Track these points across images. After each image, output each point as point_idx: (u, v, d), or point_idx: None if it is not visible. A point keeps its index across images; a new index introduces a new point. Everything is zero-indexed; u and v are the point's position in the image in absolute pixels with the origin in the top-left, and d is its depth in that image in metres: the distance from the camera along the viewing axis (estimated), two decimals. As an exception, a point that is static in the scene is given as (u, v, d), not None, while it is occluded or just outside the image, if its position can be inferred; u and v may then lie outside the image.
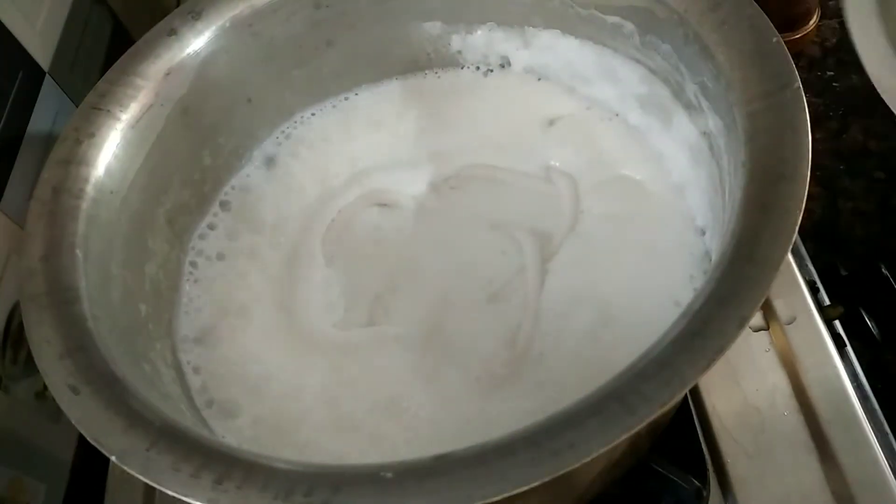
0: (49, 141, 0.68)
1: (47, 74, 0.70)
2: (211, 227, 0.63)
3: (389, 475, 0.36)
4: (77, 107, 0.55)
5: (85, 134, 0.53)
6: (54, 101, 0.70)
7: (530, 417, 0.37)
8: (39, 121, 0.68)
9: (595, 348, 0.54)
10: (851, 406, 0.58)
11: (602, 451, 0.35)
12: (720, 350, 0.37)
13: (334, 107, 0.69)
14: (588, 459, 0.35)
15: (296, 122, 0.68)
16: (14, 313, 0.63)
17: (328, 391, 0.55)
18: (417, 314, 0.58)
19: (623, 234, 0.59)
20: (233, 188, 0.65)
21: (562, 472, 0.35)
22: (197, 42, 0.59)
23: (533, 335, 0.55)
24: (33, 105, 0.68)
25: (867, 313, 0.60)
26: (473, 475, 0.35)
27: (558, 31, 0.63)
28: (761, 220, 0.41)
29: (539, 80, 0.68)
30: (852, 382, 0.59)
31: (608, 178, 0.62)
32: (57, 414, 0.65)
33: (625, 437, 0.35)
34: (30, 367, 0.63)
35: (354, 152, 0.67)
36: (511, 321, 0.56)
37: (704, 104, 0.53)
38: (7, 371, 0.62)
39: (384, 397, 0.54)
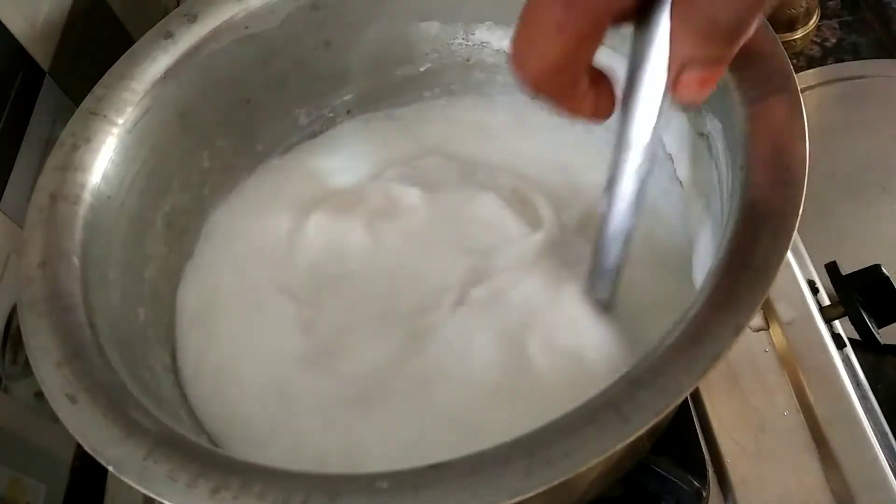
0: (49, 141, 0.68)
1: (47, 75, 0.70)
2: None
3: (385, 485, 0.36)
4: (77, 107, 0.55)
5: (81, 139, 0.53)
6: (54, 101, 0.70)
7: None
8: (39, 121, 0.68)
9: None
10: (851, 406, 0.58)
11: (597, 460, 0.35)
12: (716, 357, 0.37)
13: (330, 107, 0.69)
14: (583, 469, 0.35)
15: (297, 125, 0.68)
16: (14, 313, 0.63)
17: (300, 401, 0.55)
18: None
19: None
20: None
21: (556, 482, 0.35)
22: (193, 45, 0.58)
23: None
24: (33, 105, 0.68)
25: (867, 313, 0.60)
26: (468, 485, 0.35)
27: (557, 30, 0.63)
28: (759, 225, 0.41)
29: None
30: (852, 382, 0.59)
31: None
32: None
33: (620, 446, 0.35)
34: (29, 367, 0.63)
35: (354, 153, 0.67)
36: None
37: (703, 105, 0.53)
38: (7, 371, 0.62)
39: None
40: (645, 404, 0.36)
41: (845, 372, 0.59)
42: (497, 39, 0.66)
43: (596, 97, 0.39)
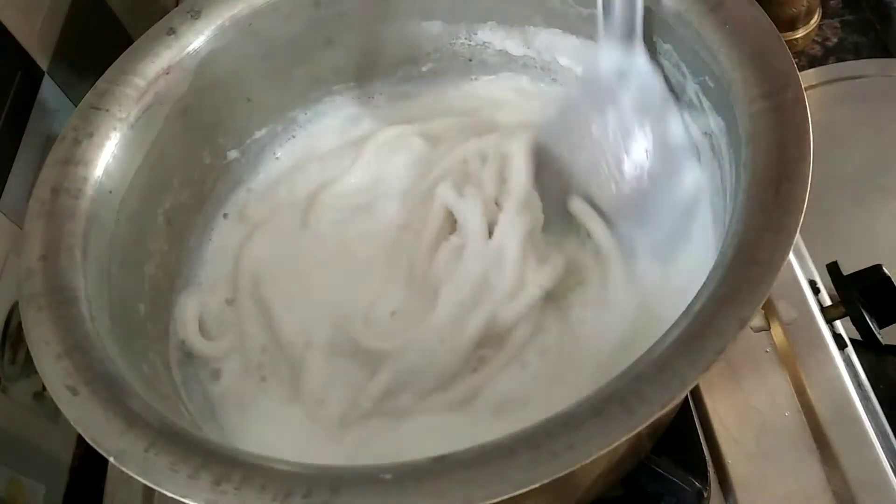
0: (48, 141, 0.68)
1: (46, 74, 0.70)
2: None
3: (388, 476, 0.36)
4: (76, 106, 0.55)
5: (84, 134, 0.53)
6: (53, 100, 0.71)
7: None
8: (38, 121, 0.68)
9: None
10: (852, 406, 0.58)
11: (601, 452, 0.35)
12: (720, 351, 0.37)
13: (334, 106, 0.69)
14: (588, 461, 0.35)
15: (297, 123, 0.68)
16: (13, 313, 0.63)
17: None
18: None
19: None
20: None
21: (561, 474, 0.35)
22: (196, 41, 0.58)
23: None
24: (32, 105, 0.68)
25: (868, 313, 0.60)
26: (473, 476, 0.35)
27: (559, 30, 0.63)
28: (762, 221, 0.41)
29: (538, 79, 0.67)
30: (853, 382, 0.59)
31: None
32: (56, 414, 0.65)
33: (624, 438, 0.35)
34: (28, 367, 0.63)
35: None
36: None
37: (706, 104, 0.53)
38: (6, 371, 0.62)
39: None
40: (650, 397, 0.36)
41: (846, 372, 0.59)
42: (499, 40, 0.66)
43: None
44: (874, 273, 0.61)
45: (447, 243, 0.59)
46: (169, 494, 0.38)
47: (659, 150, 0.56)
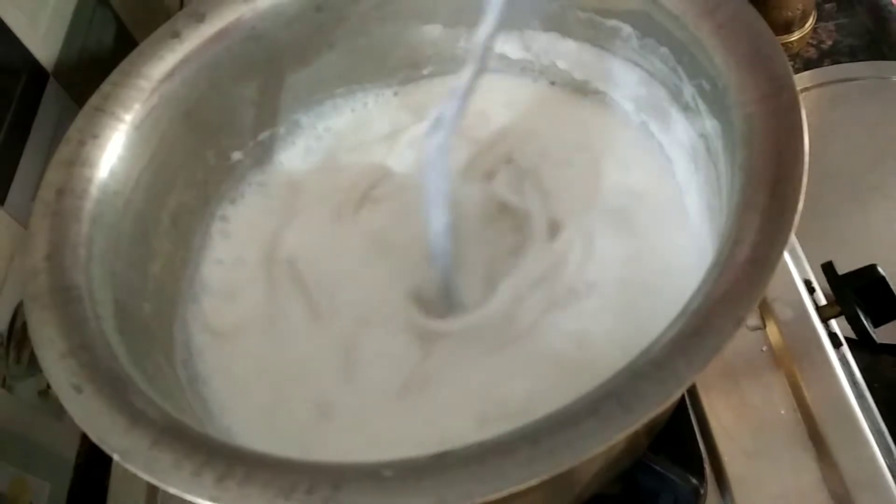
0: (53, 142, 0.69)
1: (51, 76, 0.70)
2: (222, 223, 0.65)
3: (389, 473, 0.37)
4: (81, 109, 0.55)
5: (88, 135, 0.53)
6: (58, 103, 0.71)
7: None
8: (43, 123, 0.69)
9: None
10: (848, 405, 0.58)
11: (599, 450, 0.35)
12: (717, 350, 0.37)
13: (336, 108, 0.70)
14: (585, 458, 0.35)
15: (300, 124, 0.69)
16: (18, 313, 0.63)
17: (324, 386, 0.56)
18: None
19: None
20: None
21: (559, 471, 0.35)
22: (200, 44, 0.59)
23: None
24: (37, 107, 0.69)
25: (863, 313, 0.61)
26: (472, 473, 0.36)
27: (557, 33, 0.64)
28: (758, 222, 0.41)
29: (536, 82, 0.68)
30: (849, 381, 0.59)
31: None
32: (60, 412, 0.65)
33: (622, 436, 0.36)
34: (33, 366, 0.64)
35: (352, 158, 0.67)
36: None
37: (702, 107, 0.53)
38: (11, 370, 0.62)
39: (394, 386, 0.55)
40: (647, 395, 0.37)
41: (842, 371, 0.60)
42: (498, 43, 0.66)
43: None
44: (869, 273, 0.62)
45: (505, 239, 0.60)
46: (173, 491, 0.38)
47: None
